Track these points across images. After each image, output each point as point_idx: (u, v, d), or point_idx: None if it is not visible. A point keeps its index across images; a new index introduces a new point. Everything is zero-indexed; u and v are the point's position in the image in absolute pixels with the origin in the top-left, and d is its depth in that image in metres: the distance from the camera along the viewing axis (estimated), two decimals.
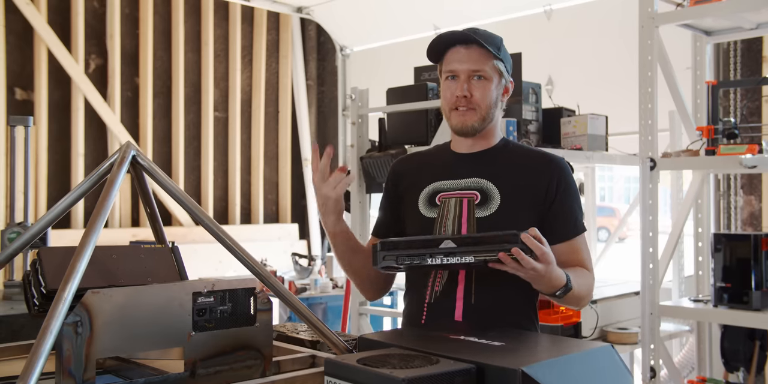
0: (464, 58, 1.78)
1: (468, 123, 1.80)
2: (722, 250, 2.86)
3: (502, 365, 1.15)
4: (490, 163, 1.84)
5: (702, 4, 2.94)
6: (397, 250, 1.57)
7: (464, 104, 1.79)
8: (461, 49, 1.79)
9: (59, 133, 5.63)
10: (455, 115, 1.81)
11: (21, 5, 5.35)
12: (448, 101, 1.82)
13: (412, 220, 1.85)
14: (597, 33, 4.83)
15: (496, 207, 1.76)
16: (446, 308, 1.76)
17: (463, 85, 1.78)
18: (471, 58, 1.77)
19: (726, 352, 3.12)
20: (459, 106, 1.79)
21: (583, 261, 1.80)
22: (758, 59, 4.14)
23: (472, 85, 1.78)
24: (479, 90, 1.78)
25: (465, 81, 1.78)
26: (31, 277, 1.45)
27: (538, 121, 3.42)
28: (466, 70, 1.78)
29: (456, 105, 1.80)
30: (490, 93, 1.79)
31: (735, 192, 4.24)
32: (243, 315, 1.43)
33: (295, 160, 7.04)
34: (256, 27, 6.77)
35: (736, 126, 2.94)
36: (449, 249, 1.53)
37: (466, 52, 1.78)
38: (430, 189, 1.84)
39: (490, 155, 1.86)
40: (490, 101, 1.80)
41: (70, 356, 1.22)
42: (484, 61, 1.78)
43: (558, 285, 1.62)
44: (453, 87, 1.80)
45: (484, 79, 1.78)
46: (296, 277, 5.57)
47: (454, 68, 1.79)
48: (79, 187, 1.53)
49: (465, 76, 1.78)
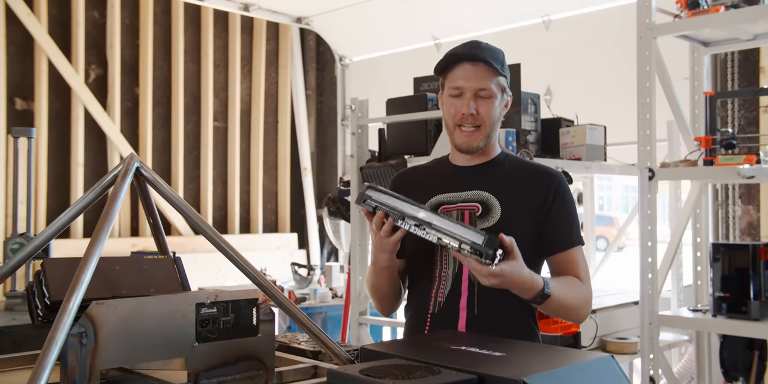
0: (471, 76, 1.79)
1: (473, 144, 1.83)
2: (721, 259, 2.88)
3: (504, 376, 1.16)
4: (491, 175, 1.86)
5: (699, 16, 2.97)
6: (380, 200, 1.67)
7: (470, 122, 1.80)
8: (468, 66, 1.80)
9: (59, 143, 5.63)
10: (460, 134, 1.83)
11: (21, 16, 5.38)
12: (452, 117, 1.83)
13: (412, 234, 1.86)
14: (595, 43, 4.86)
15: (497, 218, 1.78)
16: (449, 319, 1.78)
17: (470, 103, 1.79)
18: (477, 76, 1.79)
19: (725, 361, 3.12)
20: (464, 123, 1.81)
21: (578, 273, 1.81)
22: (755, 70, 4.17)
23: (478, 103, 1.80)
24: (484, 107, 1.80)
25: (471, 99, 1.79)
26: (35, 288, 1.46)
27: (537, 131, 3.44)
28: (472, 88, 1.79)
29: (461, 122, 1.81)
30: (494, 110, 1.81)
31: (733, 202, 4.25)
32: (246, 325, 1.44)
33: (295, 170, 7.05)
34: (255, 37, 6.80)
35: (734, 136, 2.96)
36: (420, 220, 1.62)
37: (473, 70, 1.79)
38: (432, 202, 1.86)
39: (491, 168, 1.88)
40: (495, 118, 1.83)
41: (74, 367, 1.22)
42: (489, 78, 1.79)
43: (533, 289, 1.65)
44: (458, 104, 1.81)
45: (488, 96, 1.80)
46: (295, 286, 5.58)
47: (459, 85, 1.80)
48: (83, 199, 1.54)
49: (471, 93, 1.79)
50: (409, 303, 1.92)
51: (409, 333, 1.88)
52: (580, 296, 1.78)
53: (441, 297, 1.80)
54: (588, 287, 1.82)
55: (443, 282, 1.81)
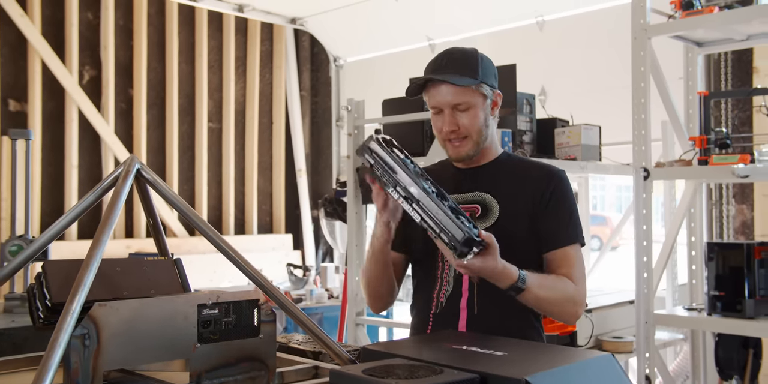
0: (443, 92, 1.79)
1: (462, 153, 1.85)
2: (716, 258, 2.89)
3: (506, 375, 1.17)
4: (491, 176, 1.87)
5: (694, 16, 2.98)
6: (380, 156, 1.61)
7: (455, 136, 1.82)
8: (438, 85, 1.80)
9: (53, 144, 5.62)
10: (450, 147, 1.86)
11: (15, 17, 5.36)
12: (439, 133, 1.86)
13: (416, 234, 1.88)
14: (589, 44, 4.88)
15: (495, 219, 1.80)
16: (450, 319, 1.80)
17: (449, 120, 1.80)
18: (449, 92, 1.79)
19: (720, 360, 3.14)
20: (450, 138, 1.83)
21: (570, 272, 1.79)
22: (748, 70, 4.19)
23: (457, 118, 1.81)
24: (466, 119, 1.81)
25: (450, 114, 1.81)
26: (36, 290, 1.46)
27: (532, 131, 3.45)
28: (447, 104, 1.80)
29: (448, 137, 1.84)
30: (477, 119, 1.81)
31: (727, 201, 4.28)
32: (247, 326, 1.44)
33: (289, 171, 7.05)
34: (249, 38, 6.79)
35: (728, 136, 2.98)
36: (410, 195, 1.57)
37: (444, 88, 1.79)
38: None
39: (492, 168, 1.89)
40: (480, 125, 1.83)
41: (77, 368, 1.23)
42: (462, 92, 1.79)
43: (506, 281, 1.66)
44: (439, 122, 1.83)
45: (467, 108, 1.80)
46: (291, 287, 5.58)
47: (435, 103, 1.82)
48: (83, 201, 1.54)
49: (448, 109, 1.81)
50: (413, 303, 1.95)
51: (414, 332, 1.91)
52: (564, 294, 1.75)
53: (443, 297, 1.83)
54: (578, 287, 1.78)
55: (445, 283, 1.83)
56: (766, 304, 2.84)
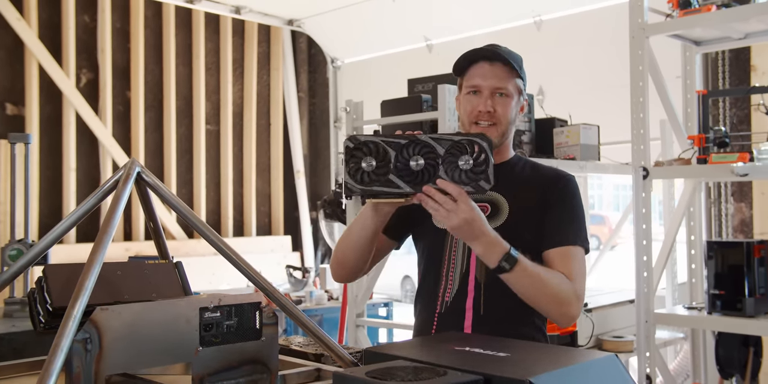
0: (488, 74, 1.82)
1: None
2: (715, 257, 2.90)
3: (510, 376, 1.16)
4: (503, 176, 1.86)
5: (691, 15, 2.99)
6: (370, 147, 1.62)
7: (486, 119, 1.82)
8: (485, 65, 1.83)
9: (50, 147, 5.61)
10: (476, 130, 1.83)
11: (11, 20, 5.35)
12: (468, 114, 1.85)
13: (424, 231, 1.88)
14: (587, 43, 4.88)
15: (504, 218, 1.80)
16: (455, 319, 1.79)
17: (487, 101, 1.81)
18: (495, 75, 1.82)
19: (720, 358, 3.14)
20: (481, 120, 1.83)
21: (568, 271, 1.74)
22: (746, 68, 4.20)
23: (495, 101, 1.82)
24: (501, 106, 1.82)
25: (488, 97, 1.82)
26: (37, 295, 1.45)
27: (531, 131, 3.45)
28: (489, 87, 1.82)
29: (478, 119, 1.83)
30: (510, 109, 1.84)
31: (726, 199, 4.28)
32: (249, 329, 1.44)
33: (288, 172, 7.04)
34: (247, 40, 6.79)
35: (726, 135, 2.98)
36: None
37: (490, 69, 1.82)
38: None
39: (504, 169, 1.88)
40: (511, 117, 1.85)
41: (80, 373, 1.22)
42: (507, 78, 1.82)
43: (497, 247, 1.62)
44: (475, 102, 1.83)
45: (505, 96, 1.82)
46: (291, 289, 5.57)
47: (477, 83, 1.83)
48: (83, 205, 1.53)
49: (488, 92, 1.82)
50: (417, 301, 1.94)
51: (417, 331, 1.90)
52: (560, 285, 1.70)
53: (448, 297, 1.82)
54: (575, 286, 1.73)
55: (450, 282, 1.82)
56: (766, 302, 2.84)
